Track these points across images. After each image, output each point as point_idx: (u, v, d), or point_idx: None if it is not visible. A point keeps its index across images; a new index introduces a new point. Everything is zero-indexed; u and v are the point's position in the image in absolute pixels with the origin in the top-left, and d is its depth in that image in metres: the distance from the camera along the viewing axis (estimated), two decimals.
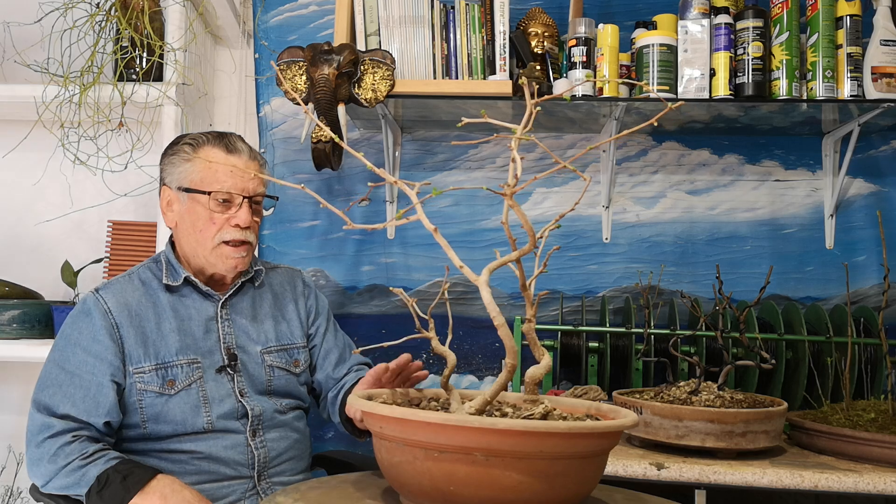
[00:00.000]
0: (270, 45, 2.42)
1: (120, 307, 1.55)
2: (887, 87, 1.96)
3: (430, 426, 0.96)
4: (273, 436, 1.60)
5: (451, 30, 2.11)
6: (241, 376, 1.61)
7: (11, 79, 2.28)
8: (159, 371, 1.53)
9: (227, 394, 1.58)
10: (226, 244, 1.58)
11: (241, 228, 1.58)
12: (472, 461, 0.94)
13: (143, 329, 1.55)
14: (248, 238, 1.60)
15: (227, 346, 1.61)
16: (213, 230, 1.58)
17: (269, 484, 1.59)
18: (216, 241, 1.58)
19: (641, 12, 2.29)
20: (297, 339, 1.72)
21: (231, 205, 1.58)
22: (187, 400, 1.54)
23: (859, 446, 1.59)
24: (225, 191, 1.57)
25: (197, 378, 1.56)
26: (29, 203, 2.40)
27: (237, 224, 1.58)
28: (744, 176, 2.34)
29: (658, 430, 1.61)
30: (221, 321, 1.63)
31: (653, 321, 1.96)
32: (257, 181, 1.60)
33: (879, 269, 2.21)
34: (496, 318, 0.98)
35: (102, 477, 1.39)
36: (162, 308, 1.59)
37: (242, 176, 1.58)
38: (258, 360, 1.64)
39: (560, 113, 2.16)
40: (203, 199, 1.58)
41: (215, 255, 1.59)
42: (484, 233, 2.36)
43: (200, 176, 1.58)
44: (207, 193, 1.57)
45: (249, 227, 1.59)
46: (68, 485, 1.42)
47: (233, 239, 1.58)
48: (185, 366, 1.56)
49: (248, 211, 1.58)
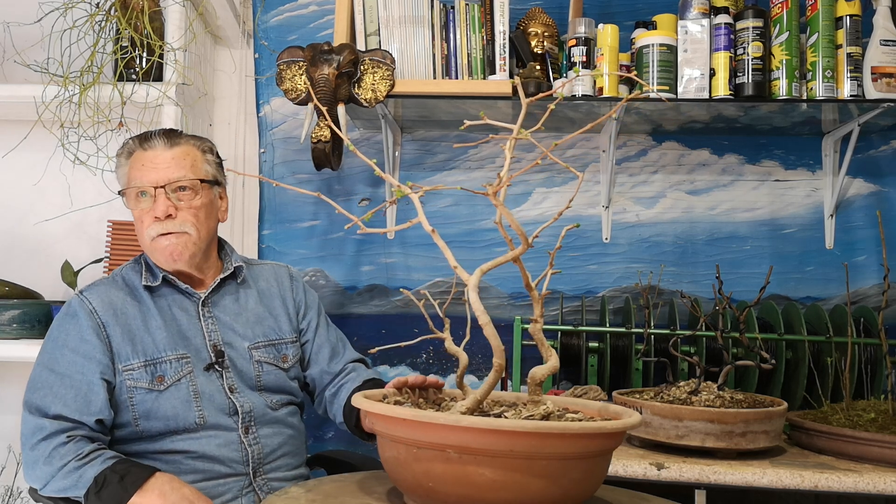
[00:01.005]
0: (270, 45, 2.42)
1: (105, 306, 1.55)
2: (887, 86, 1.96)
3: (406, 423, 0.98)
4: (266, 432, 1.60)
5: (450, 30, 2.11)
6: (229, 373, 1.60)
7: (11, 79, 2.28)
8: (148, 367, 1.53)
9: (217, 390, 1.58)
10: (159, 236, 1.57)
11: (160, 220, 1.56)
12: (447, 458, 0.95)
13: (129, 327, 1.55)
14: (171, 229, 1.57)
15: (214, 344, 1.61)
16: (143, 228, 1.59)
17: (266, 480, 1.58)
18: (148, 238, 1.58)
19: (641, 12, 2.29)
20: (284, 335, 1.71)
21: (150, 199, 1.57)
22: (178, 395, 1.53)
23: (859, 446, 1.59)
24: (133, 185, 1.58)
25: (187, 373, 1.55)
26: (29, 203, 2.40)
27: (156, 217, 1.57)
28: (744, 176, 2.34)
29: (658, 430, 1.61)
30: (204, 319, 1.62)
31: (653, 321, 1.96)
32: (174, 168, 1.57)
33: (879, 269, 2.21)
34: (481, 318, 0.99)
35: (100, 478, 1.39)
36: (147, 307, 1.59)
37: (155, 168, 1.57)
38: (246, 355, 1.63)
39: (560, 113, 2.16)
40: (130, 200, 1.60)
41: (153, 251, 1.59)
42: (483, 233, 2.36)
43: (125, 179, 1.61)
44: (122, 194, 1.60)
45: (171, 215, 1.57)
46: (66, 487, 1.42)
47: (157, 233, 1.57)
48: (174, 361, 1.55)
49: (163, 201, 1.56)
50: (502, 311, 2.28)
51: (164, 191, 1.56)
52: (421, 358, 2.35)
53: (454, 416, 0.97)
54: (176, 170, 1.58)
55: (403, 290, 1.24)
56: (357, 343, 1.88)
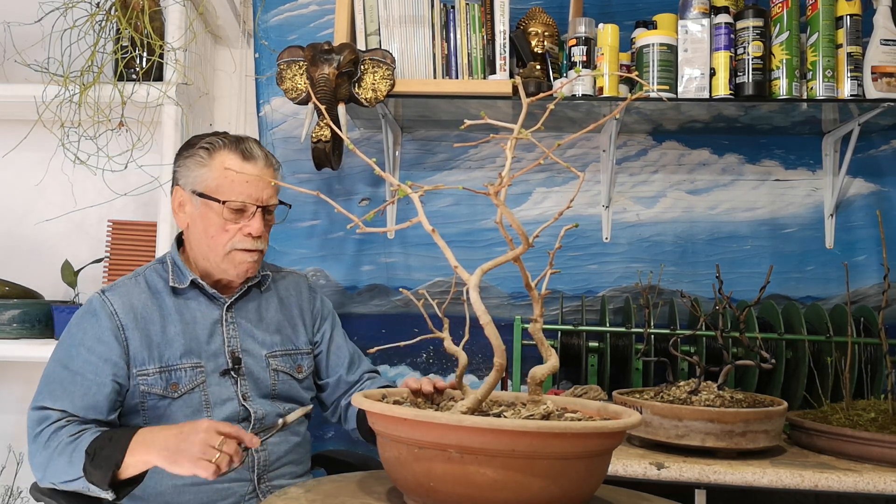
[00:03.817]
0: (270, 44, 2.42)
1: (126, 309, 1.55)
2: (887, 86, 1.96)
3: (406, 422, 0.98)
4: (274, 439, 1.60)
5: (451, 29, 2.11)
6: (244, 380, 1.61)
7: (12, 78, 2.28)
8: (163, 374, 1.54)
9: (230, 397, 1.58)
10: (238, 251, 1.58)
11: (252, 238, 1.58)
12: (447, 458, 0.95)
13: (147, 332, 1.55)
14: (259, 247, 1.60)
15: (232, 350, 1.61)
16: (225, 238, 1.58)
17: (269, 487, 1.59)
18: (227, 249, 1.58)
19: (641, 12, 2.28)
20: (301, 345, 1.72)
21: (244, 213, 1.58)
22: (190, 403, 1.54)
23: (859, 446, 1.59)
24: (240, 201, 1.57)
25: (200, 382, 1.56)
26: (29, 203, 2.40)
27: (249, 233, 1.58)
28: (744, 175, 2.34)
29: (658, 430, 1.61)
30: (227, 324, 1.63)
31: (653, 321, 1.96)
32: (271, 190, 1.60)
33: (879, 269, 2.21)
34: (482, 317, 0.99)
35: (90, 449, 1.39)
36: (167, 311, 1.59)
37: (257, 185, 1.57)
38: (263, 363, 1.64)
39: (560, 113, 2.16)
40: (216, 206, 1.57)
41: (227, 262, 1.59)
42: (484, 232, 2.36)
43: (216, 183, 1.57)
44: (222, 202, 1.56)
45: (261, 236, 1.60)
46: (62, 466, 1.41)
47: (244, 248, 1.58)
48: (188, 369, 1.56)
49: (260, 220, 1.58)
50: (502, 311, 2.28)
51: (264, 210, 1.60)
52: (421, 358, 2.35)
53: (455, 415, 0.97)
54: (273, 192, 1.61)
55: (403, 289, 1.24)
56: (357, 343, 1.87)
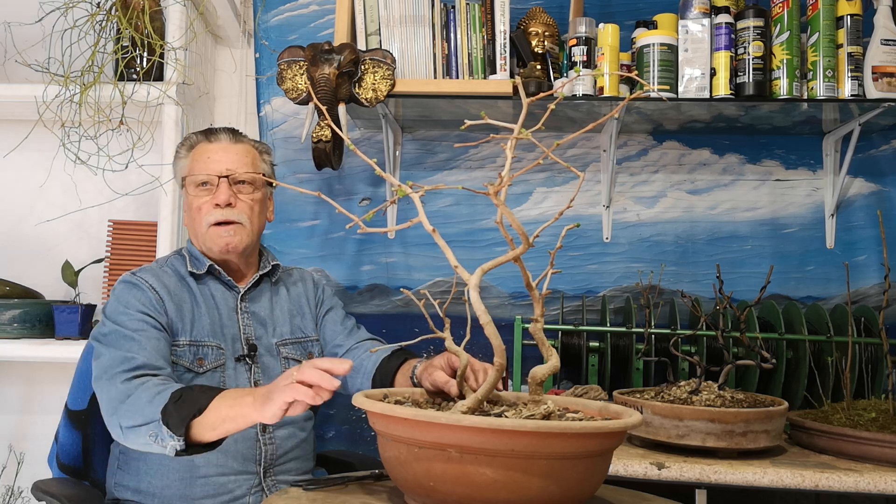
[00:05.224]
0: (271, 44, 2.42)
1: (160, 285, 1.60)
2: (888, 86, 1.96)
3: (407, 422, 0.98)
4: (282, 433, 1.62)
5: (451, 29, 2.11)
6: (258, 367, 1.64)
7: (12, 78, 2.28)
8: (192, 348, 1.58)
9: (244, 383, 1.61)
10: (213, 226, 1.63)
11: (220, 207, 1.62)
12: (448, 458, 0.95)
13: (181, 306, 1.60)
14: (230, 217, 1.63)
15: (247, 337, 1.65)
16: (200, 216, 1.64)
17: (275, 482, 1.61)
18: (205, 226, 1.64)
19: (642, 12, 2.29)
20: (310, 333, 1.76)
21: (212, 188, 1.64)
22: (210, 381, 1.57)
23: (860, 446, 1.59)
24: (197, 174, 1.65)
25: (221, 363, 1.60)
26: (29, 203, 2.40)
27: (217, 203, 1.63)
28: (744, 175, 2.34)
29: (659, 430, 1.61)
30: (241, 313, 1.67)
31: (653, 321, 1.96)
32: (237, 162, 1.65)
33: (880, 269, 2.21)
34: (482, 317, 0.99)
35: (177, 393, 1.34)
36: (194, 293, 1.64)
37: (219, 159, 1.65)
38: (274, 352, 1.68)
39: (561, 113, 2.16)
40: (189, 188, 1.66)
41: (209, 239, 1.64)
42: (484, 232, 2.36)
43: (188, 168, 1.67)
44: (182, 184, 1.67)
45: (231, 204, 1.63)
46: (141, 405, 1.34)
47: (216, 220, 1.63)
48: (214, 348, 1.60)
49: (226, 189, 1.63)
50: (503, 311, 2.28)
51: (227, 181, 1.64)
52: (421, 357, 2.34)
53: (455, 415, 0.97)
54: (239, 163, 1.66)
55: (404, 289, 1.24)
56: None
